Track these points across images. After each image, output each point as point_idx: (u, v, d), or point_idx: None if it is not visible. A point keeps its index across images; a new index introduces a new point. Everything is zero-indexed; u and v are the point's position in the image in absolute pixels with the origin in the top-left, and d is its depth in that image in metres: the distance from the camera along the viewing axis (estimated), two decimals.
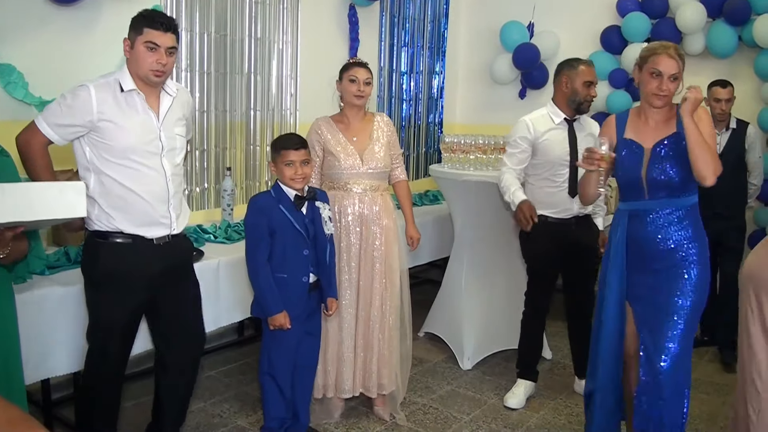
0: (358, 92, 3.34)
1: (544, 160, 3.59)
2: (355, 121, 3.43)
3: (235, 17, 4.27)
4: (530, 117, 3.64)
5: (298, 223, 2.92)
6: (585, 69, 3.57)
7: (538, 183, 3.64)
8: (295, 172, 2.89)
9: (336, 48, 5.06)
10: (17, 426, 1.52)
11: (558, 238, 3.61)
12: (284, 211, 2.91)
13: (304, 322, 3.01)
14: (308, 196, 2.99)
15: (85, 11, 3.48)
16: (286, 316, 2.90)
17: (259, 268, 2.89)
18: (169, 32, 2.54)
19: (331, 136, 3.38)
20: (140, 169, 2.56)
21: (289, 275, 2.93)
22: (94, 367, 2.70)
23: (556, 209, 3.60)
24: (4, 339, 2.20)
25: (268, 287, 2.89)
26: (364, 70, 3.37)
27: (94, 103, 2.49)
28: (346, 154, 3.34)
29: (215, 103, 4.22)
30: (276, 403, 3.07)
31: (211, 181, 4.24)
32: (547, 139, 3.57)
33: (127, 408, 3.26)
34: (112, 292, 2.59)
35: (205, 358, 4.21)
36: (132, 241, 2.60)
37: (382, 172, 3.44)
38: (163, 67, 2.54)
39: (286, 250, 2.92)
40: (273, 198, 2.94)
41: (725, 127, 4.40)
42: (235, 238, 3.73)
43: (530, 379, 3.85)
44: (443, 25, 6.14)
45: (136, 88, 2.57)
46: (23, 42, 3.27)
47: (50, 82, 3.32)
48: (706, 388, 4.07)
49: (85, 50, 3.45)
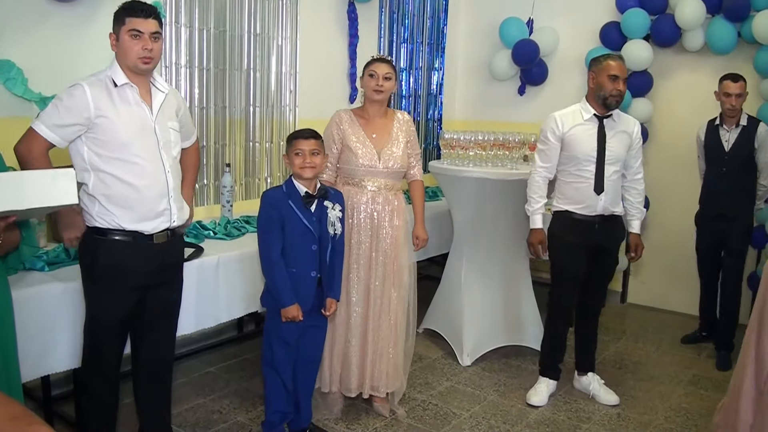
0: (376, 87, 3.34)
1: (570, 155, 3.58)
2: (375, 117, 3.42)
3: (235, 13, 4.26)
4: (560, 113, 3.64)
5: (307, 220, 2.94)
6: (610, 63, 3.54)
7: (565, 178, 3.64)
8: (304, 160, 2.91)
9: (335, 44, 5.06)
10: (19, 422, 1.52)
11: (581, 235, 3.59)
12: (293, 207, 2.92)
13: (307, 316, 3.02)
14: (318, 195, 2.99)
15: (83, 7, 3.47)
16: (298, 308, 2.93)
17: (274, 260, 2.92)
18: (151, 18, 2.55)
19: (351, 130, 3.38)
20: (139, 162, 2.56)
21: (298, 270, 2.95)
22: (91, 362, 2.72)
23: (580, 205, 3.59)
24: (2, 332, 2.20)
25: (282, 280, 2.91)
26: (385, 65, 3.36)
27: (90, 100, 2.50)
28: (364, 150, 3.34)
29: (214, 99, 4.21)
30: (278, 396, 3.08)
31: (211, 177, 4.24)
32: (573, 134, 3.56)
33: (127, 404, 3.27)
34: (109, 288, 2.61)
35: (204, 354, 4.24)
36: (131, 239, 2.61)
37: (398, 172, 3.43)
38: (149, 53, 2.55)
39: (295, 245, 2.94)
40: (284, 193, 2.96)
41: (735, 124, 4.31)
42: (235, 234, 3.73)
43: (553, 378, 3.85)
44: (442, 21, 6.13)
45: (128, 82, 2.58)
46: (22, 38, 3.26)
47: (49, 78, 3.31)
48: (705, 384, 4.08)
49: (84, 46, 3.44)
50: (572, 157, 3.58)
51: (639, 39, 5.15)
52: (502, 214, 4.24)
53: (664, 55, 5.28)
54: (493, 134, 4.27)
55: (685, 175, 5.15)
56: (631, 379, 4.15)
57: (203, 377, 3.93)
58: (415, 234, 3.58)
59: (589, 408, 3.72)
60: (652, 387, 4.01)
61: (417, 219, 3.59)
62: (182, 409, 3.50)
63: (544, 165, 3.63)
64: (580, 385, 3.90)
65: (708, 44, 4.98)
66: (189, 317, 3.18)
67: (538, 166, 3.65)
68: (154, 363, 2.87)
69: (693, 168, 4.80)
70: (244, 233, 3.79)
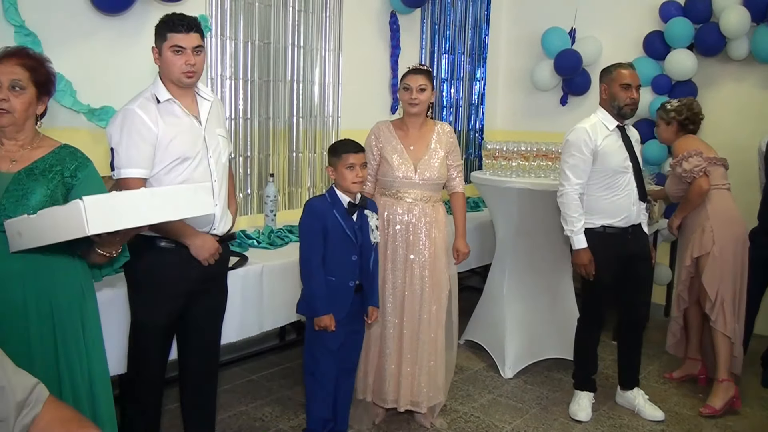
0: (411, 100, 3.34)
1: (603, 168, 3.49)
2: (413, 129, 3.41)
3: (279, 26, 4.32)
4: (587, 125, 3.52)
5: (349, 229, 2.96)
6: (621, 72, 3.50)
7: (597, 193, 3.53)
8: (356, 174, 2.94)
9: (377, 55, 5.09)
10: (71, 425, 1.56)
11: (616, 248, 3.53)
12: (337, 216, 2.95)
13: (347, 323, 3.03)
14: (360, 204, 3.02)
15: (131, 21, 3.55)
16: (331, 318, 2.94)
17: (313, 269, 2.93)
18: (192, 32, 2.57)
19: (388, 142, 3.39)
20: (191, 175, 2.60)
21: (337, 278, 2.97)
22: (135, 367, 2.77)
23: (618, 218, 3.52)
24: (92, 339, 2.27)
25: (319, 289, 2.93)
26: (419, 76, 3.34)
27: (147, 120, 2.54)
28: (401, 161, 3.34)
29: (258, 110, 4.27)
30: (319, 404, 3.09)
31: (254, 187, 4.29)
32: (605, 146, 3.48)
33: (171, 410, 3.31)
34: (152, 294, 2.65)
35: (247, 362, 4.28)
36: (175, 246, 2.64)
37: (436, 184, 3.40)
38: (192, 67, 2.58)
39: (336, 254, 2.95)
40: (328, 202, 2.98)
41: None
42: (278, 243, 3.77)
43: (591, 390, 3.79)
44: (484, 31, 6.12)
45: (171, 97, 2.61)
46: (71, 51, 3.34)
47: (97, 91, 3.40)
48: (751, 402, 3.98)
49: (132, 59, 3.52)
50: (605, 170, 3.49)
51: (683, 48, 5.08)
52: (545, 225, 4.20)
53: (709, 65, 5.19)
54: (536, 144, 4.24)
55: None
56: (675, 395, 4.07)
57: (246, 385, 3.97)
58: (455, 247, 3.53)
59: (633, 423, 3.66)
60: (697, 404, 3.92)
61: (458, 232, 3.54)
62: (225, 416, 3.54)
63: (579, 181, 3.48)
64: (624, 400, 3.84)
65: (753, 53, 4.88)
66: (233, 325, 3.23)
67: (573, 182, 3.48)
68: (199, 369, 2.91)
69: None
70: (287, 242, 3.83)
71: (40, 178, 2.14)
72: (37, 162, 2.17)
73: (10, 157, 2.16)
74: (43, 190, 2.12)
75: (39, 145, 2.22)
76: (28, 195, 2.10)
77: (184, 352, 2.89)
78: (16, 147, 2.18)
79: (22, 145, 2.19)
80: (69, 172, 2.19)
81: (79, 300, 2.23)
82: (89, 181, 2.23)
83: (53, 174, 2.16)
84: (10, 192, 2.09)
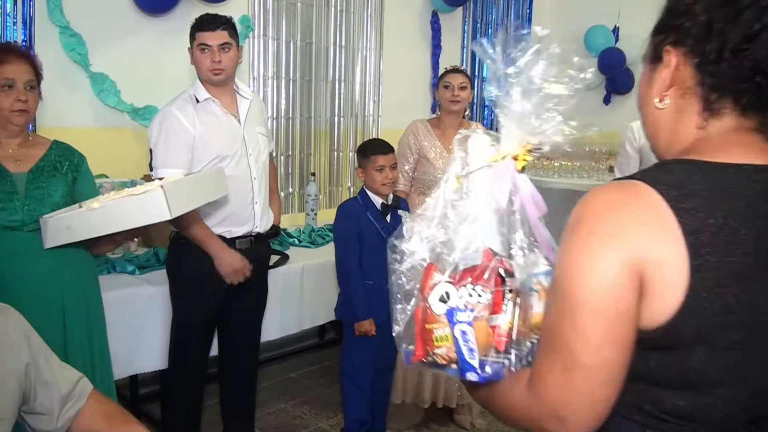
0: (452, 97, 3.32)
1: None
2: (451, 128, 3.39)
3: (321, 26, 4.34)
4: (637, 122, 3.49)
5: (383, 231, 2.93)
6: None
7: None
8: (386, 176, 2.90)
9: (418, 55, 5.08)
10: (114, 419, 1.58)
11: None
12: (371, 219, 2.93)
13: (384, 325, 3.02)
14: (393, 205, 3.00)
15: (174, 21, 3.59)
16: (372, 323, 2.91)
17: (351, 274, 2.90)
18: (219, 29, 2.59)
19: (427, 141, 3.38)
20: (231, 173, 2.60)
21: (374, 281, 2.94)
22: (176, 363, 2.80)
23: None
24: (95, 328, 2.31)
25: (357, 293, 2.90)
26: (459, 75, 3.34)
27: (184, 121, 2.57)
28: (443, 161, 3.32)
29: (300, 109, 4.29)
30: (356, 405, 3.08)
31: (296, 186, 4.32)
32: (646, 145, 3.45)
33: (211, 406, 3.34)
34: (194, 291, 2.68)
35: (286, 360, 4.29)
36: None
37: None
38: (218, 64, 2.59)
39: (372, 257, 2.92)
40: (361, 205, 2.95)
41: None
42: (319, 242, 3.78)
43: None
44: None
45: (210, 96, 2.63)
46: (115, 51, 3.40)
47: (141, 90, 3.45)
48: None
49: (174, 59, 3.54)
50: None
51: None
52: None
53: None
54: (579, 145, 4.19)
55: None
56: None
57: (285, 382, 3.99)
58: None
59: None
60: None
61: None
62: (264, 413, 3.56)
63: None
64: None
65: None
66: (274, 323, 3.24)
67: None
68: (239, 366, 2.93)
69: None
70: (328, 241, 3.83)
71: (56, 175, 2.20)
72: (43, 159, 2.22)
73: (12, 156, 2.19)
74: (62, 185, 2.20)
75: (33, 143, 2.26)
76: (50, 192, 2.16)
77: (224, 348, 2.91)
78: (15, 146, 2.21)
79: (21, 143, 2.22)
80: (74, 166, 2.28)
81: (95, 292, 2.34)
82: (87, 174, 2.34)
83: (66, 169, 2.24)
84: (31, 191, 2.14)
